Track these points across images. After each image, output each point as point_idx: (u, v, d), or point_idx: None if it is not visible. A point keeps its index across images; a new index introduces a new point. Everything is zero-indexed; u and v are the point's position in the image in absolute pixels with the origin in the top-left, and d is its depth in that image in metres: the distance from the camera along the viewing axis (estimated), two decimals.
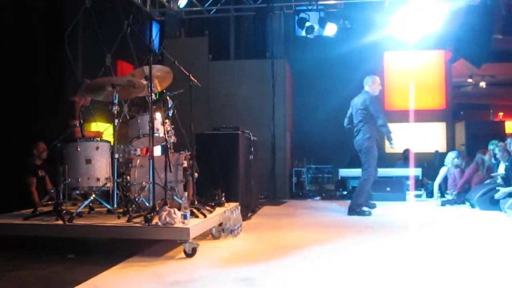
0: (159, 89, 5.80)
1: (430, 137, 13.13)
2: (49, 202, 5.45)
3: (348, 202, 10.22)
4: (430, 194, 10.47)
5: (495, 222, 6.98)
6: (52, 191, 5.40)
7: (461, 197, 9.10)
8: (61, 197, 4.99)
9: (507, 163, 8.48)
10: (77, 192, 5.31)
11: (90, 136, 5.94)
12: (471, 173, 9.25)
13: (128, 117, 5.94)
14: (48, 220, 4.69)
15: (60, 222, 4.57)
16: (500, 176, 8.39)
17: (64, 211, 4.78)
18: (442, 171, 10.22)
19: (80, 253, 4.54)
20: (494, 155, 9.16)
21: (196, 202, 5.48)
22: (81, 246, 4.91)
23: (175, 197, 5.25)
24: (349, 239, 5.51)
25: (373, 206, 8.31)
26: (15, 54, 6.26)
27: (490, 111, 20.04)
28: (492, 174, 8.78)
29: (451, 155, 10.17)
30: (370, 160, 7.79)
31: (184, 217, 4.42)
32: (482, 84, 17.55)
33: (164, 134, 5.42)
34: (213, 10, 11.61)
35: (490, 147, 9.50)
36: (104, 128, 6.49)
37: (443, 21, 10.42)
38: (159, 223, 4.38)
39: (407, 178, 10.76)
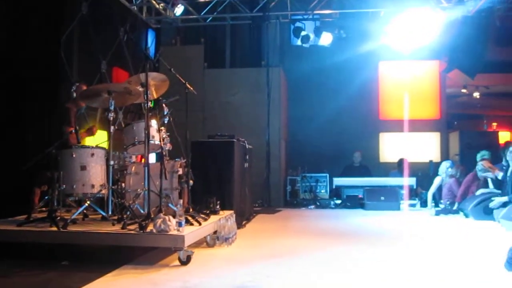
0: (155, 96, 5.79)
1: (425, 147, 13.18)
2: (43, 209, 5.42)
3: (344, 211, 10.26)
4: (424, 204, 10.49)
5: (488, 232, 6.99)
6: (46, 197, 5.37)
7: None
8: (56, 203, 4.96)
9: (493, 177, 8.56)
10: (72, 198, 5.28)
11: (84, 136, 5.96)
12: (469, 182, 9.25)
13: (123, 124, 5.93)
14: (42, 227, 4.66)
15: (54, 228, 4.55)
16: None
17: (58, 218, 4.75)
18: (436, 181, 10.24)
19: (74, 260, 4.52)
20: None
21: (191, 210, 5.45)
22: (75, 253, 4.89)
23: (170, 205, 5.23)
24: (342, 248, 5.51)
25: None
26: (11, 60, 6.26)
27: (484, 121, 20.14)
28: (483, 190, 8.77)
29: (445, 165, 10.20)
30: None
31: (179, 224, 4.41)
32: (476, 94, 17.66)
33: (160, 141, 5.42)
34: (209, 19, 11.65)
35: (479, 156, 9.52)
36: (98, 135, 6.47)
37: (438, 31, 10.50)
38: (154, 231, 4.37)
39: (401, 187, 10.79)
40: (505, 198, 7.65)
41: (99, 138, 6.31)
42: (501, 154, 8.82)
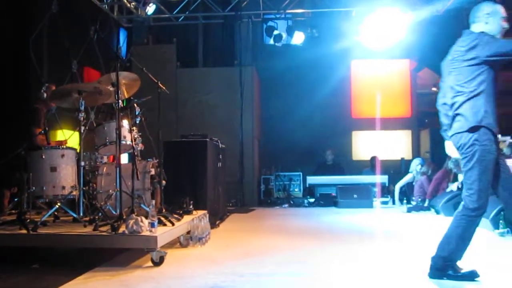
0: (126, 96, 5.74)
1: (396, 145, 13.35)
2: (13, 211, 5.33)
3: (317, 209, 10.29)
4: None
5: None
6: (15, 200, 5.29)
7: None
8: (25, 205, 4.88)
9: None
10: (42, 200, 5.22)
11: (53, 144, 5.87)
12: (439, 179, 9.39)
13: (94, 124, 5.87)
14: (11, 230, 4.58)
15: (24, 231, 4.47)
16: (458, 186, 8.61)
17: (28, 220, 4.68)
18: (407, 177, 10.41)
19: (44, 263, 4.46)
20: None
21: (163, 210, 5.43)
22: (45, 256, 4.81)
23: (142, 205, 5.19)
24: (316, 246, 5.55)
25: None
26: None
27: None
28: (450, 185, 8.93)
29: (416, 162, 10.38)
30: (476, 175, 3.77)
31: (152, 225, 4.37)
32: None
33: (131, 141, 5.36)
34: (181, 18, 11.57)
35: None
36: (68, 136, 6.39)
37: (408, 30, 10.63)
38: (126, 232, 4.33)
39: (374, 185, 10.90)
40: None
41: (71, 139, 6.23)
42: None
